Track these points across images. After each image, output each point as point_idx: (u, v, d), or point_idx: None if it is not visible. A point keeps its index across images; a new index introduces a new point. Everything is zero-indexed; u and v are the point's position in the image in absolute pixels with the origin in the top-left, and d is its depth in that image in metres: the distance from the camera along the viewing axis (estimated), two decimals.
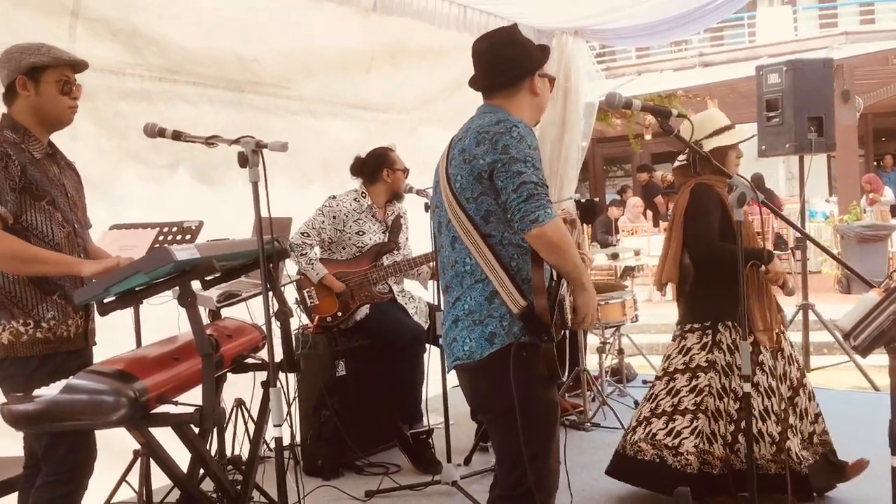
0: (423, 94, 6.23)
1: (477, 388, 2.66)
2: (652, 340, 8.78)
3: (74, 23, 4.01)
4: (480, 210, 2.52)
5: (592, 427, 5.21)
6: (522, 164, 2.44)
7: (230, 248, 2.83)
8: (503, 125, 2.50)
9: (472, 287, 2.55)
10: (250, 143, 2.65)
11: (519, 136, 2.47)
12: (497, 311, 2.51)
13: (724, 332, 3.66)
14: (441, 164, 2.68)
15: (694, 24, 7.11)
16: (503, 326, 2.50)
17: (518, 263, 2.51)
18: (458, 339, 2.58)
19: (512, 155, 2.44)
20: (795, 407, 3.67)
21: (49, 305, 2.68)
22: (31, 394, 2.36)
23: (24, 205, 2.64)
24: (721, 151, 3.67)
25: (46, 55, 2.72)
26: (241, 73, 4.89)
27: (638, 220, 12.97)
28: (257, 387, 3.25)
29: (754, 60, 11.43)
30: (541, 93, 2.70)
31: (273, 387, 2.68)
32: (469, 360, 2.55)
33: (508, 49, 2.68)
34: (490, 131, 2.50)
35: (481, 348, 2.52)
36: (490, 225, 2.51)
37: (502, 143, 2.46)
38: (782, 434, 3.57)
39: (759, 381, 3.60)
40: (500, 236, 2.51)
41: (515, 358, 2.47)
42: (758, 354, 3.61)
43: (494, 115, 2.58)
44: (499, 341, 2.50)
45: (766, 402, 3.60)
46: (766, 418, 3.57)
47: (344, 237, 4.65)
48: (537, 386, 2.53)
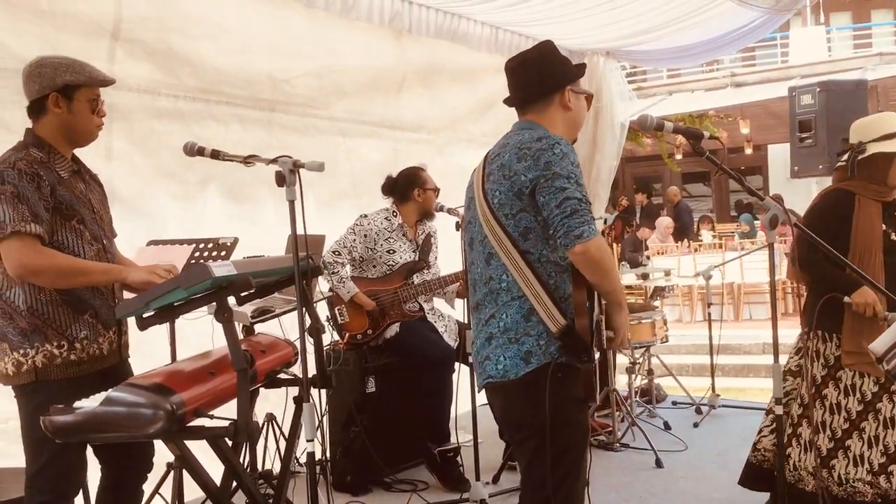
0: (453, 114, 6.29)
1: (510, 407, 2.63)
2: (682, 361, 8.72)
3: (114, 45, 4.12)
4: (519, 226, 2.50)
5: (621, 448, 5.19)
6: (566, 180, 2.42)
7: (266, 265, 2.87)
8: (545, 141, 2.49)
9: (507, 304, 2.52)
10: (287, 162, 2.70)
11: (562, 153, 2.46)
12: (534, 330, 2.48)
13: (814, 340, 3.58)
14: (476, 180, 2.67)
15: (727, 48, 7.11)
16: (540, 345, 2.47)
17: (556, 282, 2.49)
18: (491, 357, 2.55)
19: (555, 171, 2.43)
20: (861, 432, 3.48)
21: (82, 325, 2.71)
22: (71, 405, 2.41)
23: (55, 225, 2.66)
24: (885, 158, 3.47)
25: (82, 74, 2.72)
26: (272, 93, 4.98)
27: (668, 240, 12.91)
28: (287, 402, 3.30)
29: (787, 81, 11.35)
30: (573, 108, 2.67)
31: (306, 402, 2.71)
32: (503, 378, 2.52)
33: (539, 64, 2.68)
34: (532, 147, 2.49)
35: (516, 367, 2.49)
36: (529, 242, 2.49)
37: (545, 160, 2.45)
38: (830, 451, 3.48)
39: (828, 394, 3.52)
40: (538, 253, 2.49)
41: (552, 378, 2.45)
42: (837, 370, 3.52)
43: (534, 131, 2.57)
44: (535, 360, 2.47)
45: (825, 415, 3.52)
46: (820, 432, 3.49)
47: (375, 255, 4.69)
48: (571, 408, 2.51)
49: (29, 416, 2.61)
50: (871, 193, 3.52)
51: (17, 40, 3.75)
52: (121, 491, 2.93)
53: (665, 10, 6.06)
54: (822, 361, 3.56)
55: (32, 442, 2.63)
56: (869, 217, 3.48)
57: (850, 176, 3.57)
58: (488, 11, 5.79)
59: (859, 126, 3.61)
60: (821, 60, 13.73)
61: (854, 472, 3.43)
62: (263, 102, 4.96)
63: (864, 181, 3.53)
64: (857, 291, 3.39)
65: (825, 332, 3.56)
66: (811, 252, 3.46)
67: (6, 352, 2.66)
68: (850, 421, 3.48)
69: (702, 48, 6.95)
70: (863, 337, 3.33)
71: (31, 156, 2.66)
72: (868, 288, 3.34)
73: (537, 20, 6.08)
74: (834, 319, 3.51)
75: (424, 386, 4.60)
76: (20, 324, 2.65)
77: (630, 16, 6.07)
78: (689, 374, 8.28)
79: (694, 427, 5.77)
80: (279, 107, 5.05)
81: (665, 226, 13.15)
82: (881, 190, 3.53)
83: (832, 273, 3.46)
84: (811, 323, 3.56)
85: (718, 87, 13.71)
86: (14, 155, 2.65)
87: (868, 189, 3.52)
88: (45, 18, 3.84)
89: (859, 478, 3.42)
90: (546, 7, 5.70)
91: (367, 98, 5.61)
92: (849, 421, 3.48)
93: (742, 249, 10.85)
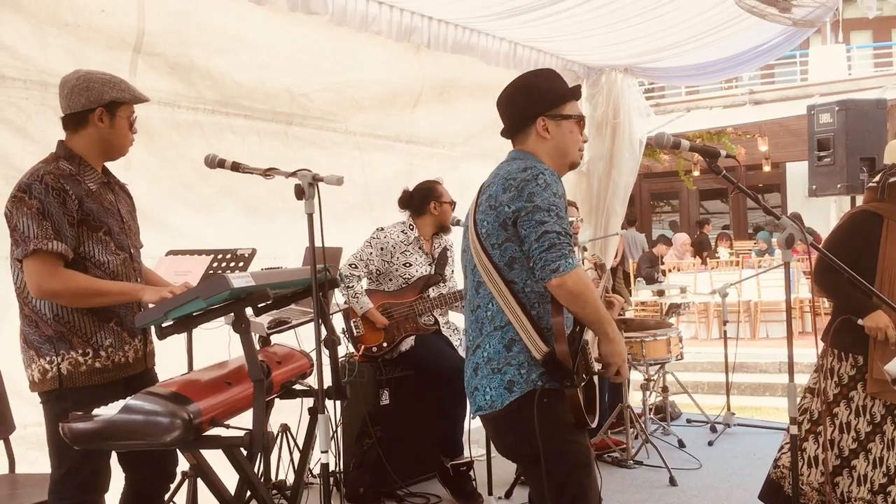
0: (469, 129, 6.32)
1: (501, 437, 2.65)
2: (697, 379, 8.69)
3: (136, 58, 4.19)
4: (505, 256, 2.52)
5: (635, 465, 5.17)
6: (546, 213, 2.43)
7: (283, 276, 2.90)
8: (530, 172, 2.49)
9: (490, 335, 2.55)
10: (307, 176, 2.73)
11: (545, 184, 2.46)
12: (515, 359, 2.50)
13: (829, 357, 3.59)
14: (470, 209, 2.70)
15: (746, 65, 7.10)
16: (521, 374, 2.49)
17: (539, 312, 2.50)
18: (479, 388, 2.58)
19: (536, 203, 2.44)
20: (868, 453, 3.49)
21: (107, 333, 2.75)
22: (90, 412, 2.44)
23: (81, 236, 2.70)
24: None
25: (127, 92, 2.80)
26: (289, 106, 5.04)
27: (685, 258, 12.87)
28: (302, 412, 3.31)
29: (806, 99, 11.34)
30: (552, 136, 2.63)
31: (321, 413, 2.73)
32: (491, 409, 2.55)
33: (517, 93, 2.70)
34: (517, 178, 2.50)
35: (501, 397, 2.52)
36: (514, 272, 2.51)
37: (528, 191, 2.46)
38: (836, 468, 3.49)
39: (839, 413, 3.52)
40: (522, 283, 2.51)
41: (539, 405, 2.45)
42: (850, 390, 3.52)
43: (523, 161, 2.57)
44: (517, 389, 2.49)
45: (835, 433, 3.52)
46: (829, 449, 3.49)
47: (391, 268, 4.71)
48: (563, 431, 2.50)
49: (54, 423, 2.64)
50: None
51: (42, 53, 3.82)
52: (143, 499, 2.95)
53: (684, 28, 6.07)
54: (835, 380, 3.57)
55: (58, 448, 2.65)
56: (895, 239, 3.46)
57: (880, 198, 3.55)
58: (507, 27, 5.82)
59: (893, 147, 3.59)
60: (840, 79, 13.69)
61: (856, 491, 3.45)
62: (281, 116, 5.02)
63: (893, 203, 3.51)
64: (869, 315, 3.39)
65: (841, 352, 3.56)
66: (828, 272, 3.46)
67: (33, 359, 2.70)
68: (859, 441, 3.49)
69: (721, 66, 6.95)
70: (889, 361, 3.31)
71: (59, 169, 2.70)
72: (882, 312, 3.34)
73: (555, 36, 6.11)
74: (850, 339, 3.51)
75: (438, 399, 4.61)
76: (46, 331, 2.69)
77: (649, 32, 6.09)
78: (704, 392, 8.25)
79: (708, 445, 5.74)
80: (296, 120, 5.11)
81: (682, 242, 13.12)
82: None
83: (847, 294, 3.47)
84: (829, 340, 3.56)
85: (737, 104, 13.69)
86: (43, 168, 2.70)
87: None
88: (69, 31, 3.91)
89: (860, 496, 3.44)
90: (564, 23, 5.73)
91: (384, 112, 5.66)
92: (857, 441, 3.49)
93: (759, 267, 10.80)
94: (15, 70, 3.75)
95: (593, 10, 5.55)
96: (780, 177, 17.89)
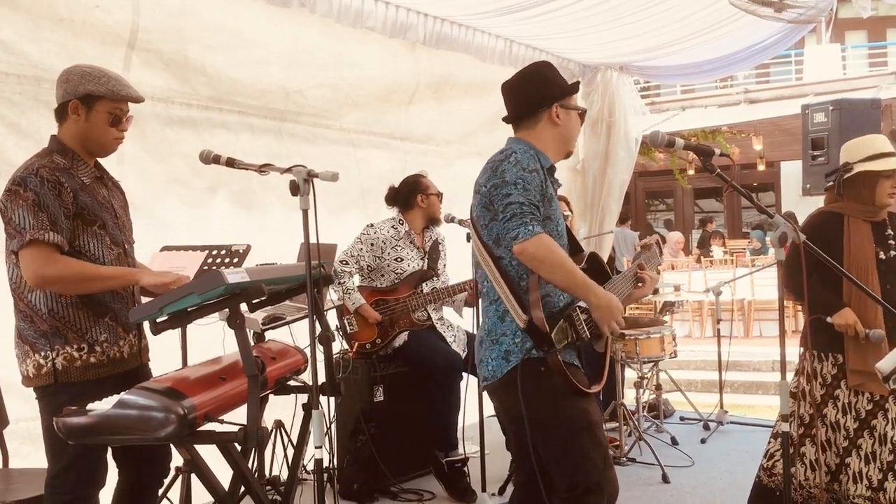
0: (464, 126, 6.33)
1: (504, 405, 2.76)
2: (691, 377, 8.71)
3: (130, 53, 4.19)
4: (492, 235, 2.67)
5: (628, 462, 5.19)
6: (512, 187, 2.57)
7: (278, 272, 2.90)
8: (504, 153, 2.67)
9: (488, 308, 2.72)
10: (302, 172, 2.73)
11: (515, 161, 2.62)
12: (509, 329, 2.63)
13: (808, 359, 3.61)
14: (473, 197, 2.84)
15: (741, 64, 7.13)
16: (515, 343, 2.62)
17: (527, 284, 2.62)
18: (483, 359, 2.72)
19: (504, 179, 2.60)
20: (859, 450, 3.50)
21: (102, 328, 2.75)
22: (84, 407, 2.45)
23: (76, 230, 2.70)
24: (871, 177, 3.51)
25: (104, 86, 2.74)
26: (284, 103, 5.04)
27: (678, 256, 12.89)
28: (296, 408, 3.31)
29: (801, 98, 11.36)
30: (562, 123, 2.79)
31: (315, 409, 2.73)
32: (493, 379, 2.67)
33: (530, 81, 2.83)
34: (494, 160, 2.68)
35: (500, 367, 2.64)
36: (500, 249, 2.66)
37: (500, 169, 2.62)
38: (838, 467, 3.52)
39: (828, 413, 3.55)
40: (508, 258, 2.64)
41: (526, 373, 2.57)
42: (834, 388, 3.55)
43: (510, 146, 2.73)
44: (513, 358, 2.62)
45: (829, 433, 3.55)
46: (828, 449, 3.52)
47: (383, 264, 4.72)
48: (560, 396, 2.59)
49: (49, 418, 2.63)
50: (860, 214, 3.56)
51: (36, 47, 3.82)
52: (137, 495, 2.96)
53: (680, 26, 6.09)
54: (819, 381, 3.60)
55: (53, 443, 2.66)
56: (860, 238, 3.53)
57: (838, 196, 3.61)
58: (503, 25, 5.83)
59: (847, 147, 3.65)
60: (835, 79, 13.72)
61: (854, 489, 3.46)
62: (275, 112, 5.02)
63: (852, 201, 3.57)
64: (837, 313, 3.45)
65: (820, 352, 3.60)
66: (794, 274, 3.48)
67: (28, 354, 2.70)
68: (849, 439, 3.51)
69: (716, 64, 6.97)
70: (868, 355, 3.38)
71: (53, 162, 2.70)
72: (849, 309, 3.41)
73: (551, 34, 6.12)
74: (828, 339, 3.55)
75: (432, 394, 4.62)
76: (41, 326, 2.69)
77: (644, 31, 6.10)
78: (697, 390, 8.26)
79: (701, 443, 5.76)
80: (290, 117, 5.11)
81: (675, 240, 13.14)
82: (869, 209, 3.56)
83: (815, 294, 3.46)
84: (806, 343, 3.59)
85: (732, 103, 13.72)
86: (38, 161, 2.69)
87: (857, 209, 3.56)
88: (63, 26, 3.90)
89: (860, 494, 3.45)
90: (560, 21, 5.74)
91: (378, 109, 5.67)
92: (848, 439, 3.51)
93: (753, 266, 10.83)
94: (9, 65, 3.74)
95: (589, 8, 5.56)
96: (774, 176, 17.92)
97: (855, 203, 3.56)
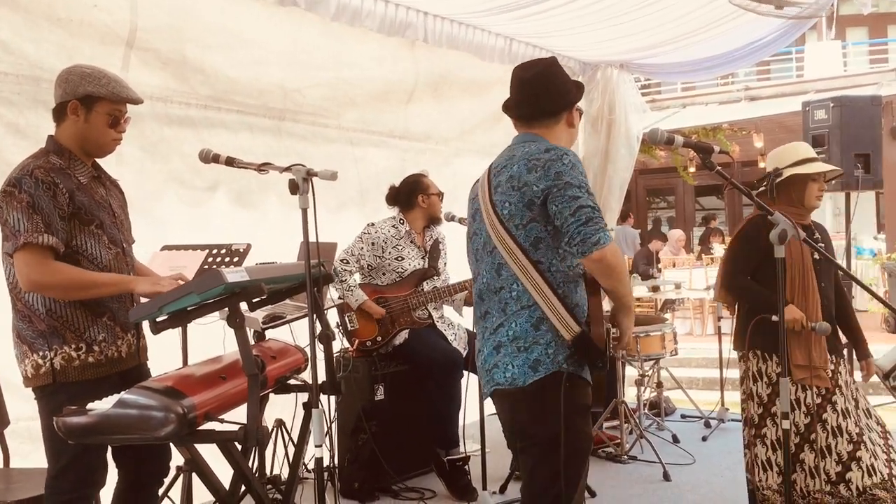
0: (463, 124, 6.33)
1: (516, 414, 2.66)
2: (692, 375, 8.70)
3: (128, 52, 4.18)
4: (530, 236, 2.56)
5: (629, 460, 5.18)
6: (577, 189, 2.49)
7: (278, 271, 2.90)
8: (554, 153, 2.56)
9: (517, 313, 2.57)
10: (301, 171, 2.73)
11: (571, 164, 2.54)
12: (543, 338, 2.53)
13: (752, 360, 3.63)
14: (482, 193, 2.71)
15: (742, 61, 7.11)
16: (548, 354, 2.53)
17: (565, 291, 2.55)
18: (499, 364, 2.60)
19: (566, 181, 2.50)
20: (812, 444, 3.52)
21: (100, 328, 2.74)
22: (84, 407, 2.44)
23: (73, 230, 2.68)
24: (800, 181, 3.62)
25: (104, 88, 2.73)
26: (282, 102, 5.04)
27: (680, 253, 12.88)
28: (297, 407, 3.30)
29: (801, 95, 11.36)
30: (575, 126, 2.82)
31: (316, 408, 2.73)
32: (511, 386, 2.57)
33: (554, 80, 2.76)
34: (541, 158, 2.56)
35: (524, 375, 2.54)
36: (539, 252, 2.55)
37: (555, 170, 2.52)
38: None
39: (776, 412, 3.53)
40: (548, 263, 2.55)
41: (552, 385, 2.50)
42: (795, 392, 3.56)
43: (539, 143, 2.65)
44: (543, 369, 2.52)
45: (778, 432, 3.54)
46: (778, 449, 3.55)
47: (384, 263, 4.72)
48: (577, 417, 2.55)
49: (48, 418, 2.62)
50: (792, 216, 3.52)
51: (34, 47, 3.81)
52: (137, 494, 2.95)
53: (680, 24, 6.07)
54: (765, 380, 3.61)
55: (53, 443, 2.65)
56: (796, 242, 3.51)
57: (771, 200, 3.64)
58: (502, 23, 5.82)
59: (774, 154, 3.75)
60: (836, 75, 13.71)
61: (813, 485, 3.47)
62: (273, 111, 5.01)
63: (783, 205, 3.63)
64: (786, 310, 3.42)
65: (763, 352, 3.60)
66: (736, 274, 3.61)
67: (26, 354, 2.69)
68: (800, 435, 3.52)
69: (716, 61, 6.96)
70: (811, 351, 3.48)
71: (49, 163, 2.69)
72: (793, 306, 3.44)
73: (551, 32, 6.11)
74: (770, 339, 3.50)
75: (433, 392, 4.62)
76: (39, 326, 2.68)
77: (644, 28, 6.09)
78: (698, 388, 8.26)
79: (702, 441, 5.75)
80: (289, 115, 5.11)
81: (677, 238, 13.13)
82: (800, 212, 3.64)
83: (758, 294, 3.52)
84: (745, 344, 3.62)
85: (732, 100, 13.72)
86: (33, 162, 2.68)
87: (789, 212, 3.56)
88: (61, 26, 3.89)
89: (818, 489, 3.46)
90: (560, 19, 5.73)
91: (377, 108, 5.67)
92: (799, 435, 3.52)
93: None
94: (7, 65, 3.73)
95: (589, 6, 5.55)
96: None
97: (787, 206, 3.62)
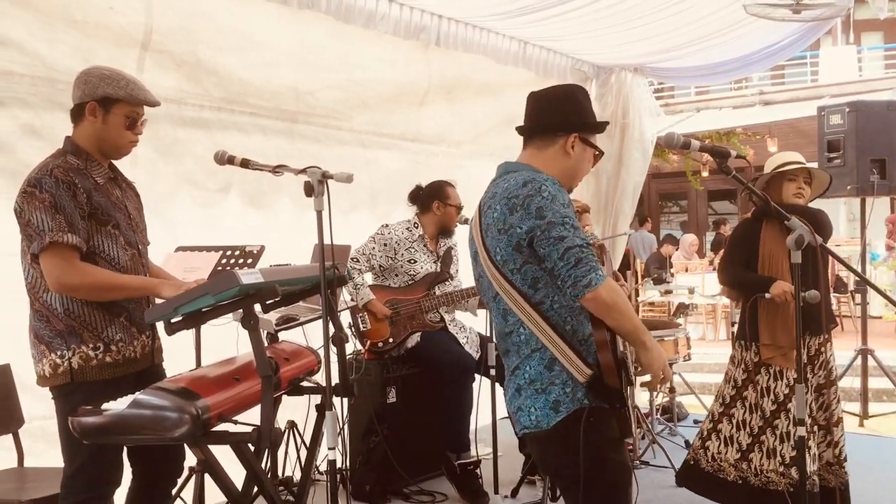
0: (476, 128, 6.32)
1: (546, 456, 2.59)
2: (704, 380, 8.65)
3: (143, 55, 4.19)
4: (527, 279, 2.42)
5: (641, 465, 5.16)
6: (562, 227, 2.34)
7: (292, 273, 2.90)
8: (531, 186, 2.38)
9: (529, 357, 2.47)
10: (316, 173, 2.73)
11: (550, 196, 2.37)
12: (558, 378, 2.43)
13: (738, 349, 4.06)
14: (476, 234, 2.58)
15: (756, 66, 7.08)
16: (566, 393, 2.42)
17: (573, 325, 2.43)
18: (522, 408, 2.50)
19: (549, 219, 2.34)
20: (775, 429, 3.87)
21: (117, 328, 2.75)
22: (100, 407, 2.45)
23: (91, 230, 2.70)
24: (776, 180, 4.03)
25: (123, 90, 2.75)
26: (295, 104, 5.04)
27: (692, 258, 12.84)
28: (309, 409, 3.30)
29: (816, 100, 11.26)
30: (574, 157, 2.56)
31: (328, 410, 2.73)
32: (537, 429, 2.47)
33: (559, 100, 2.60)
34: (520, 195, 2.39)
35: (547, 417, 2.44)
36: (539, 292, 2.42)
37: (535, 206, 2.36)
38: (749, 446, 3.93)
39: (748, 396, 3.96)
40: (550, 301, 2.42)
41: (585, 424, 2.39)
42: (755, 374, 3.94)
43: (518, 175, 2.47)
44: (564, 409, 2.42)
45: (746, 415, 3.96)
46: (742, 429, 3.95)
47: (396, 265, 4.73)
48: (608, 449, 2.45)
49: (65, 418, 2.63)
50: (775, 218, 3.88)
51: (50, 49, 3.83)
52: (151, 494, 2.96)
53: (695, 28, 6.05)
54: (742, 367, 4.03)
55: (70, 443, 2.66)
56: (772, 236, 3.95)
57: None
58: (517, 26, 5.82)
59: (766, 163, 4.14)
60: (851, 80, 13.63)
61: (768, 464, 3.87)
62: (286, 113, 5.02)
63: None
64: (772, 286, 3.84)
65: (746, 342, 4.02)
66: (728, 268, 4.06)
67: (44, 353, 2.71)
68: (766, 419, 3.91)
69: (731, 66, 6.93)
70: (777, 331, 3.87)
71: (67, 163, 2.71)
72: (780, 281, 3.81)
73: (565, 35, 6.10)
74: (753, 330, 3.96)
75: (445, 396, 4.62)
76: (57, 326, 2.69)
77: (659, 32, 6.07)
78: (711, 393, 8.18)
79: None
80: (301, 118, 5.11)
81: (689, 243, 13.08)
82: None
83: (748, 278, 3.97)
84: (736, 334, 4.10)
85: (747, 104, 13.62)
86: (52, 162, 2.70)
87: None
88: (76, 28, 3.91)
89: (772, 469, 3.85)
90: (575, 22, 5.72)
91: (389, 111, 5.66)
92: (764, 419, 3.91)
93: None
94: (23, 66, 3.75)
95: (604, 10, 5.53)
96: None
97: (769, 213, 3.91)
